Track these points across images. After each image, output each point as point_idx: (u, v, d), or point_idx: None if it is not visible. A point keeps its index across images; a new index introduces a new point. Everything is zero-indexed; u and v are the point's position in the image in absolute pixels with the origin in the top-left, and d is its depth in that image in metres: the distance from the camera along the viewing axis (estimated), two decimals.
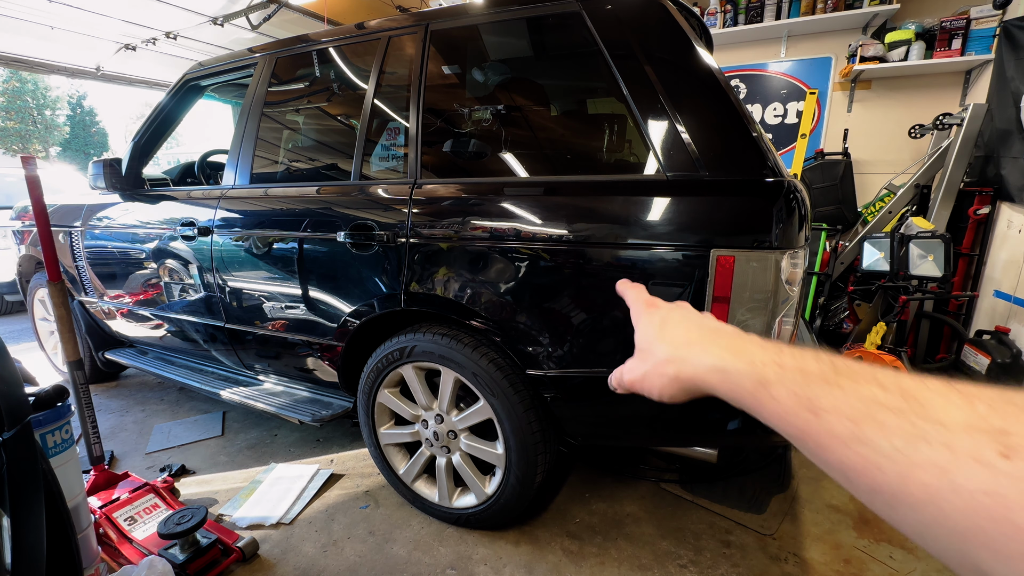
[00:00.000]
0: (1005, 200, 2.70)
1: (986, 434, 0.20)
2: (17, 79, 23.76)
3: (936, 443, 0.21)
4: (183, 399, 2.78)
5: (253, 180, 1.92)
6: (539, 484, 1.55)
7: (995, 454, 0.19)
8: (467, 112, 1.65)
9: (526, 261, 1.36)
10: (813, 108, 2.91)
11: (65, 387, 1.25)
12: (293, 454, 2.19)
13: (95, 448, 1.75)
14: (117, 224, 2.31)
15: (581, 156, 1.59)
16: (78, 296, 2.60)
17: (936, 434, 0.21)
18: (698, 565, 1.53)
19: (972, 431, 0.21)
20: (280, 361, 1.97)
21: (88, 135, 26.10)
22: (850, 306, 3.14)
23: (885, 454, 0.23)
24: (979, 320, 2.85)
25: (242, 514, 1.77)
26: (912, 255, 2.54)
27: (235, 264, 1.89)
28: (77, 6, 3.85)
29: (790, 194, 1.14)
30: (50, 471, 0.96)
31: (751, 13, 3.64)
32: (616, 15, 1.32)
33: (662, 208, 1.22)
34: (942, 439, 0.21)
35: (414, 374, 1.61)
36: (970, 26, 3.09)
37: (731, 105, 1.21)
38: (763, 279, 1.13)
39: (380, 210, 1.59)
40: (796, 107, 3.78)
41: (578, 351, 1.35)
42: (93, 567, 1.30)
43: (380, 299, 1.59)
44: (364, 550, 1.61)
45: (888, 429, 0.23)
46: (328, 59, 1.87)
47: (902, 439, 0.22)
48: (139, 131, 2.28)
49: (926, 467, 0.21)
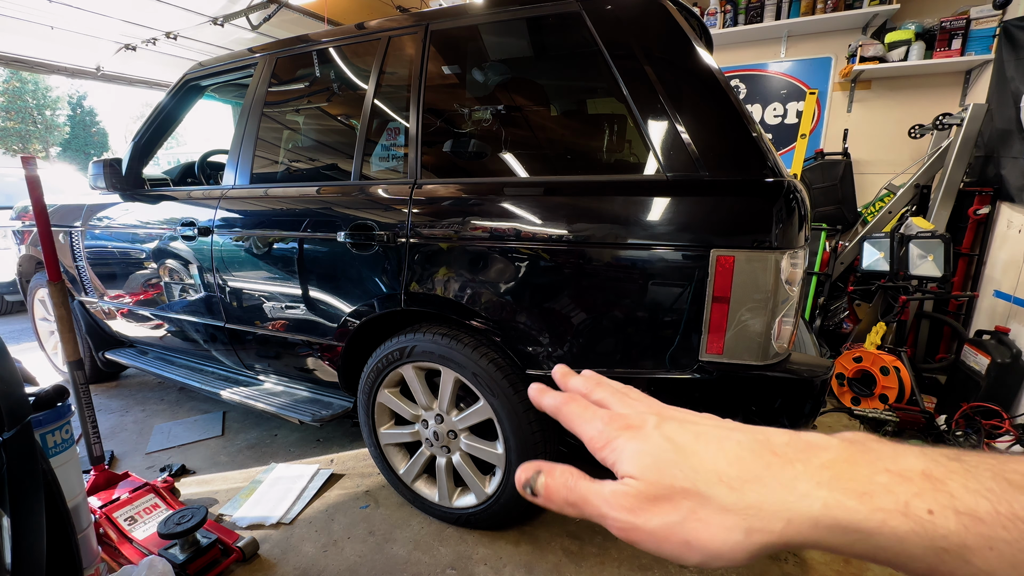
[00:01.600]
0: (1005, 200, 2.70)
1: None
2: (17, 79, 23.76)
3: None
4: (183, 399, 2.78)
5: (253, 180, 1.92)
6: None
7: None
8: (467, 112, 1.65)
9: (526, 261, 1.36)
10: (813, 108, 2.91)
11: (65, 387, 1.25)
12: (293, 454, 2.19)
13: (95, 448, 1.75)
14: (117, 224, 2.31)
15: (581, 156, 1.59)
16: (78, 296, 2.60)
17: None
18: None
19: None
20: (280, 361, 1.97)
21: (88, 135, 26.10)
22: (850, 306, 3.13)
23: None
24: (979, 320, 2.85)
25: (242, 514, 1.77)
26: (912, 255, 2.54)
27: (235, 264, 1.89)
28: (77, 6, 3.85)
29: (790, 194, 1.14)
30: (50, 471, 0.96)
31: (751, 13, 3.64)
32: (616, 15, 1.32)
33: (662, 208, 1.23)
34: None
35: (414, 374, 1.61)
36: (970, 26, 3.09)
37: (731, 105, 1.21)
38: (763, 279, 1.13)
39: (380, 210, 1.59)
40: (796, 107, 3.78)
41: (578, 351, 1.35)
42: (93, 567, 1.30)
43: (380, 299, 1.59)
44: (364, 550, 1.61)
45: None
46: (328, 59, 1.87)
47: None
48: (139, 131, 2.28)
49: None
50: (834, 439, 0.24)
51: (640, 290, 1.25)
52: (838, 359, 2.61)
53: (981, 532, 0.18)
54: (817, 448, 0.23)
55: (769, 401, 1.23)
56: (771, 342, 1.18)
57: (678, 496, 0.24)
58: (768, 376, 1.19)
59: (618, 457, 0.27)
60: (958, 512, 0.19)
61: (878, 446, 0.23)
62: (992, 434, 2.12)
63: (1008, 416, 2.12)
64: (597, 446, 0.28)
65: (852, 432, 0.25)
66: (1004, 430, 2.09)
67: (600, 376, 0.35)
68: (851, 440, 0.24)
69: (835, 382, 2.59)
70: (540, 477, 0.29)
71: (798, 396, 1.22)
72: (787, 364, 1.23)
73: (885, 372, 2.44)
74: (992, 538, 0.18)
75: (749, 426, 0.27)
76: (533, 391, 0.35)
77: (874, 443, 0.23)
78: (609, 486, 0.26)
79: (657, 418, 0.28)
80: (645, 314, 1.25)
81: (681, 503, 0.24)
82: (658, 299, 1.23)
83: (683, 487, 0.24)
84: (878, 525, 0.20)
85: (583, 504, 0.27)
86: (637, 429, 0.28)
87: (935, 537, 0.19)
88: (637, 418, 0.29)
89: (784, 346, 1.24)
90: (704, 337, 1.20)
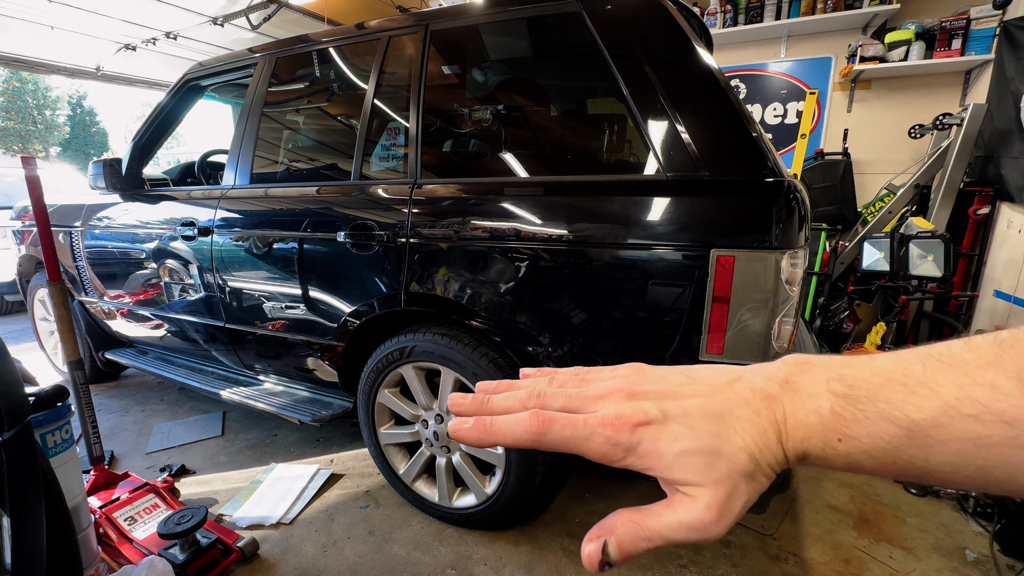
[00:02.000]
0: (1005, 200, 2.70)
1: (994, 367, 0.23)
2: (17, 79, 23.76)
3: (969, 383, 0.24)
4: (183, 399, 2.78)
5: (253, 180, 1.92)
6: (539, 484, 1.55)
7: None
8: (467, 112, 1.65)
9: (526, 261, 1.36)
10: (813, 108, 2.91)
11: (65, 387, 1.25)
12: (293, 454, 2.19)
13: (95, 448, 1.75)
14: (117, 224, 2.31)
15: (581, 156, 1.59)
16: (78, 296, 2.60)
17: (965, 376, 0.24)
18: (698, 565, 1.53)
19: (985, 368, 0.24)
20: (280, 361, 1.97)
21: (88, 135, 26.11)
22: (850, 306, 3.14)
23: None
24: (979, 320, 2.85)
25: (242, 514, 1.77)
26: (912, 255, 2.54)
27: (235, 264, 1.89)
28: (77, 6, 3.85)
29: (790, 194, 1.14)
30: (50, 471, 0.96)
31: (751, 13, 3.64)
32: (616, 15, 1.32)
33: (662, 208, 1.22)
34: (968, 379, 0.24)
35: (414, 374, 1.61)
36: (970, 26, 3.09)
37: (731, 105, 1.21)
38: (763, 279, 1.13)
39: (380, 210, 1.59)
40: (796, 107, 3.78)
41: (578, 351, 1.35)
42: (93, 567, 1.30)
43: (380, 299, 1.59)
44: (364, 550, 1.61)
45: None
46: (328, 59, 1.87)
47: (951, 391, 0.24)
48: (139, 131, 2.28)
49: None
50: (776, 385, 0.29)
51: (640, 290, 1.25)
52: None
53: (862, 448, 0.26)
54: (771, 399, 0.28)
55: None
56: (771, 342, 1.18)
57: (737, 480, 0.27)
58: None
59: (654, 464, 0.27)
60: (850, 437, 0.26)
61: (802, 382, 0.28)
62: None
63: None
64: (616, 458, 0.28)
65: (783, 362, 0.30)
66: None
67: (519, 387, 0.33)
68: (785, 381, 0.29)
69: None
70: (609, 542, 0.27)
71: None
72: None
73: None
74: (868, 451, 0.26)
75: (707, 378, 0.31)
76: (472, 431, 0.30)
77: (799, 378, 0.29)
78: (686, 508, 0.27)
79: (654, 405, 0.29)
80: (645, 314, 1.25)
81: (741, 485, 0.27)
82: (658, 299, 1.23)
83: (734, 471, 0.27)
84: (816, 453, 0.27)
85: (664, 540, 0.27)
86: (648, 424, 0.28)
87: (841, 455, 0.26)
88: (636, 412, 0.28)
89: (784, 346, 1.24)
90: (704, 337, 1.20)
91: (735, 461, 0.27)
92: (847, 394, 0.27)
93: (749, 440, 0.27)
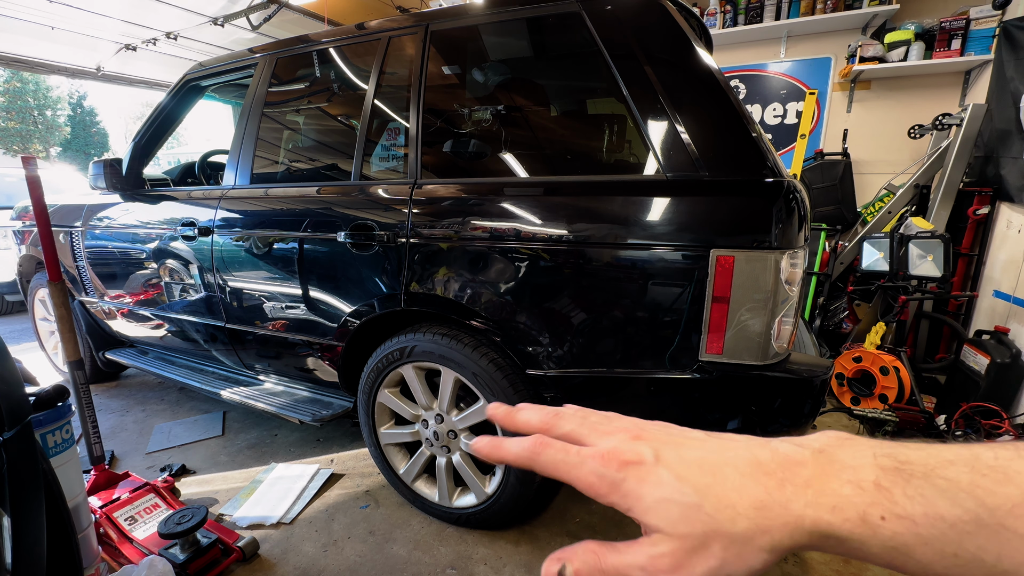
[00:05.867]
0: (1004, 200, 2.70)
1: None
2: (18, 79, 23.75)
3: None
4: (183, 399, 2.78)
5: (253, 180, 1.92)
6: (539, 484, 1.55)
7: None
8: (467, 112, 1.65)
9: (526, 261, 1.36)
10: (813, 108, 2.91)
11: (65, 387, 1.25)
12: (293, 454, 2.19)
13: (95, 448, 1.75)
14: (118, 224, 2.31)
15: (581, 156, 1.59)
16: (79, 296, 2.60)
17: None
18: None
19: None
20: (280, 361, 1.97)
21: (88, 135, 26.09)
22: (850, 306, 3.14)
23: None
24: (978, 320, 2.85)
25: (242, 514, 1.77)
26: (911, 255, 2.54)
27: (235, 264, 1.90)
28: (77, 6, 3.86)
29: (790, 194, 1.14)
30: (50, 471, 0.96)
31: (751, 13, 3.64)
32: (616, 15, 1.32)
33: (662, 208, 1.23)
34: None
35: (414, 374, 1.61)
36: (970, 26, 3.09)
37: (731, 105, 1.21)
38: (763, 279, 1.13)
39: (380, 210, 1.59)
40: (796, 107, 3.78)
41: (578, 351, 1.35)
42: (93, 567, 1.30)
43: (380, 299, 1.60)
44: (364, 550, 1.62)
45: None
46: (328, 59, 1.87)
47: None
48: (139, 131, 2.28)
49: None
50: (806, 451, 0.26)
51: (640, 290, 1.25)
52: (838, 359, 2.61)
53: (916, 532, 0.22)
54: (795, 464, 0.26)
55: (769, 401, 1.23)
56: (771, 342, 1.18)
57: (710, 540, 0.25)
58: (768, 376, 1.20)
59: (634, 505, 0.27)
60: (899, 517, 0.22)
61: (842, 455, 0.25)
62: (992, 434, 2.13)
63: (1007, 416, 2.13)
64: (601, 492, 0.27)
65: (822, 435, 0.28)
66: (1004, 430, 2.09)
67: (549, 407, 0.33)
68: (819, 450, 0.26)
69: (835, 382, 2.59)
70: (567, 568, 0.27)
71: (798, 396, 1.22)
72: (787, 364, 1.23)
73: (885, 372, 2.44)
74: (923, 536, 0.22)
75: (725, 439, 0.29)
76: (485, 447, 0.31)
77: (838, 451, 0.26)
78: (643, 551, 0.26)
79: (650, 448, 0.28)
80: (645, 314, 1.26)
81: (714, 547, 0.25)
82: (658, 299, 1.23)
83: (712, 530, 0.25)
84: (848, 533, 0.23)
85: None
86: (638, 465, 0.27)
87: (885, 538, 0.23)
88: (630, 451, 0.28)
89: (784, 346, 1.24)
90: (704, 337, 1.21)
91: (717, 519, 0.25)
92: (899, 468, 0.23)
93: (747, 501, 0.25)
